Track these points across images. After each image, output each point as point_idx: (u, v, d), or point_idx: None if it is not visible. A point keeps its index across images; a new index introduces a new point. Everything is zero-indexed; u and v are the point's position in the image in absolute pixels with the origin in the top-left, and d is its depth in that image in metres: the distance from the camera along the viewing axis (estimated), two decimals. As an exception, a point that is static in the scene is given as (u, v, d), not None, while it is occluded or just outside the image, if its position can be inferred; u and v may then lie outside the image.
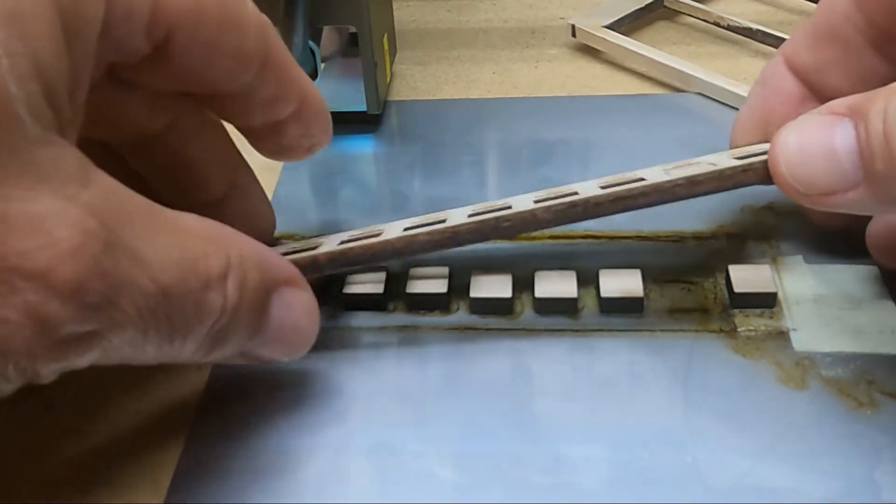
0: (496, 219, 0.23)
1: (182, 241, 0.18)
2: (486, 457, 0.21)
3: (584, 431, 0.21)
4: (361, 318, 0.25)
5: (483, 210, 0.23)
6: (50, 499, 0.17)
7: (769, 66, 0.26)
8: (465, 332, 0.24)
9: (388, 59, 0.34)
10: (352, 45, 0.32)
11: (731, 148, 0.26)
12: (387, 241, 0.23)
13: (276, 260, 0.21)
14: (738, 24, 0.38)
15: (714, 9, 0.39)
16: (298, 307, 0.21)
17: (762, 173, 0.22)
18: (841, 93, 0.24)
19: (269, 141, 0.23)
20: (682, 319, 0.24)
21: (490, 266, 0.24)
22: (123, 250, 0.16)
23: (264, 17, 0.21)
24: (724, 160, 0.23)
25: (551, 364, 0.23)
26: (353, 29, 0.31)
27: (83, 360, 0.16)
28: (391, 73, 0.36)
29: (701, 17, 0.39)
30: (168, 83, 0.20)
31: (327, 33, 0.31)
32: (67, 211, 0.15)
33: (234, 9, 0.20)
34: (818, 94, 0.25)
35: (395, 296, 0.25)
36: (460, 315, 0.25)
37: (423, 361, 0.23)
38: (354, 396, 0.22)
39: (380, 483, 0.20)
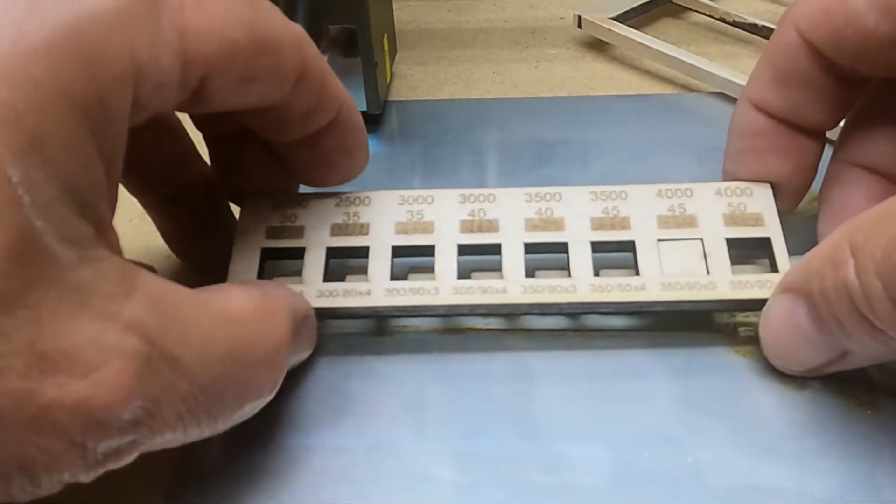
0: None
1: (228, 331, 0.18)
2: (486, 457, 0.21)
3: (584, 431, 0.21)
4: (361, 319, 0.25)
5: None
6: (49, 499, 0.17)
7: (738, 115, 0.25)
8: (465, 332, 0.24)
9: (388, 59, 0.34)
10: (352, 45, 0.32)
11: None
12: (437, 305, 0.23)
13: (305, 308, 0.22)
14: (744, 21, 0.37)
15: (720, 5, 0.39)
16: (309, 337, 0.22)
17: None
18: (823, 125, 0.24)
19: (305, 158, 0.23)
20: (682, 320, 0.24)
21: (489, 266, 0.24)
22: (164, 360, 0.16)
23: (298, 30, 0.20)
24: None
25: (551, 364, 0.23)
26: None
27: (121, 465, 0.16)
28: (391, 73, 0.36)
29: (707, 13, 0.39)
30: (206, 110, 0.20)
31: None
32: (106, 334, 0.15)
33: (267, 34, 0.19)
34: (799, 130, 0.24)
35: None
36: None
37: (422, 361, 0.23)
38: (354, 396, 0.22)
39: (380, 483, 0.20)
